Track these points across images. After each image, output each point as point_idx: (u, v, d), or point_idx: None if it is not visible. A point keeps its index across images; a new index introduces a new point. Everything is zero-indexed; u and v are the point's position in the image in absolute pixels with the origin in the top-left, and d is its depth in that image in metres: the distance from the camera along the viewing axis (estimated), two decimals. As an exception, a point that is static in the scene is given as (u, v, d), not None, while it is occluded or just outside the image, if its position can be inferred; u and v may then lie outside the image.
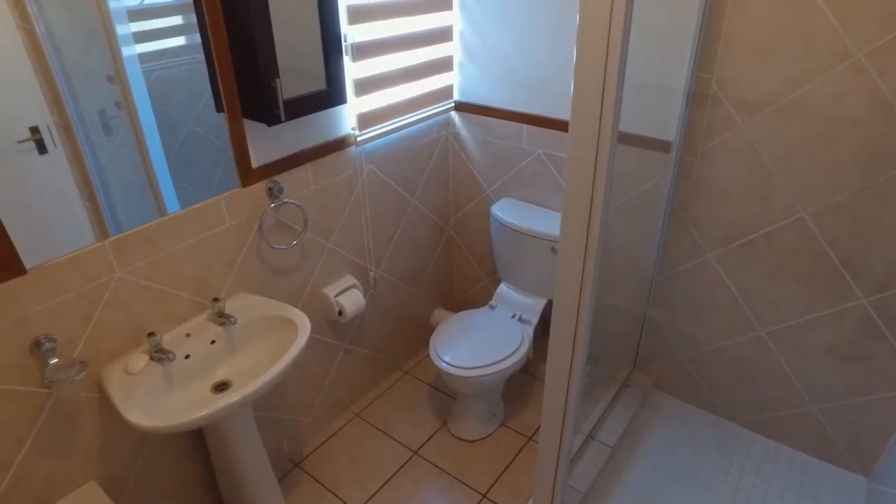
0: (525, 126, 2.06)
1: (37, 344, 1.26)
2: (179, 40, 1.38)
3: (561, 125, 1.96)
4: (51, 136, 1.20)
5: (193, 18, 1.36)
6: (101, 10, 1.24)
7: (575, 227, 1.21)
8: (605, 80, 1.04)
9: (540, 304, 2.22)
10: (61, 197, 1.25)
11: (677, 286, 2.06)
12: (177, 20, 1.37)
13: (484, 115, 2.14)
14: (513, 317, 2.21)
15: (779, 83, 1.59)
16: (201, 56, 1.39)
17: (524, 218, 2.10)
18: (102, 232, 1.32)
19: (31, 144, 1.17)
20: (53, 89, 1.18)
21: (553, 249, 2.03)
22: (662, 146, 1.84)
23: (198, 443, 1.70)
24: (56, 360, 1.28)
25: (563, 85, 1.89)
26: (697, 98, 1.74)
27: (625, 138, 1.17)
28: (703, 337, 2.10)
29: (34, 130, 1.17)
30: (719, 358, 2.09)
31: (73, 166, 1.25)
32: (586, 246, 1.21)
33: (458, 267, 2.61)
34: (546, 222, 2.06)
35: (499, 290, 2.32)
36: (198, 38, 1.37)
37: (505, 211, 2.16)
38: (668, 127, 1.80)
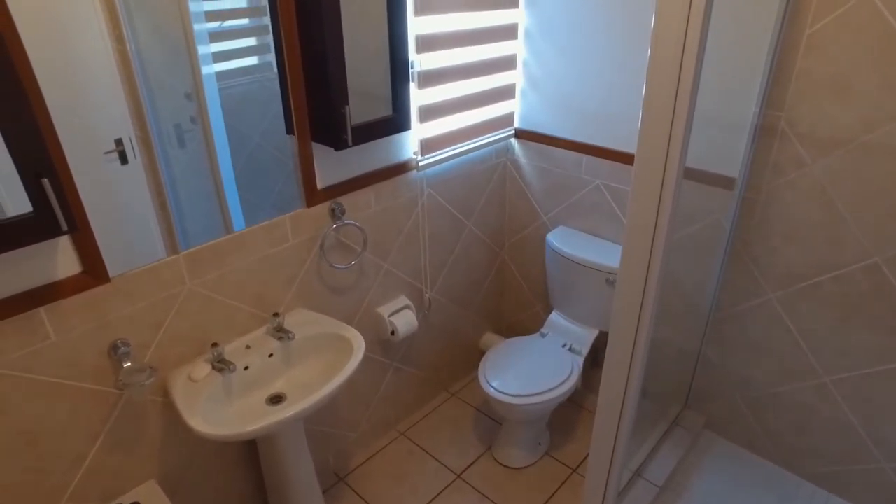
0: (585, 156, 2.06)
1: (114, 347, 1.35)
2: (252, 60, 1.47)
3: (621, 157, 1.95)
4: (132, 147, 1.29)
5: (266, 39, 1.44)
6: (186, 32, 1.32)
7: (635, 262, 1.21)
8: (674, 115, 1.04)
9: (591, 334, 2.20)
10: (137, 205, 1.34)
11: (735, 325, 2.00)
12: (251, 41, 1.45)
13: (544, 143, 2.15)
14: (563, 346, 2.19)
15: (855, 123, 1.54)
16: (270, 74, 1.47)
17: (580, 248, 2.09)
18: (171, 240, 1.39)
19: (115, 155, 1.26)
20: (137, 105, 1.27)
21: (608, 281, 2.02)
22: (725, 182, 1.80)
23: (249, 450, 1.76)
24: (129, 363, 1.36)
25: (625, 117, 1.89)
26: (764, 135, 1.71)
27: (687, 173, 1.16)
28: (761, 379, 2.02)
29: (118, 142, 1.26)
30: (778, 402, 2.01)
31: (148, 176, 1.33)
32: (646, 281, 1.20)
33: (510, 292, 2.61)
34: (602, 253, 2.05)
35: (550, 318, 2.31)
36: (268, 56, 1.45)
37: (561, 240, 2.15)
38: (731, 163, 1.77)
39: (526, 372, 2.05)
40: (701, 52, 0.98)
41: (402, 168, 1.85)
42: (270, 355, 1.57)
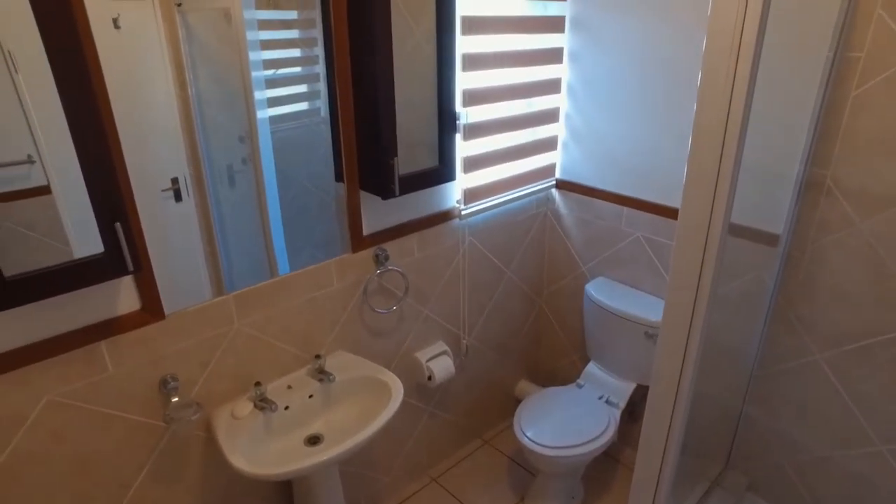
0: (625, 208, 2.07)
1: (163, 382, 1.41)
2: (302, 105, 1.55)
3: (662, 210, 1.96)
4: (186, 186, 1.37)
5: (316, 87, 1.52)
6: (244, 79, 1.42)
7: (678, 317, 1.21)
8: (719, 171, 1.05)
9: (629, 387, 2.17)
10: (188, 241, 1.41)
11: (779, 384, 1.94)
12: (302, 88, 1.54)
13: (584, 194, 2.18)
14: (600, 398, 2.16)
15: (903, 184, 1.52)
16: (317, 119, 1.55)
17: (619, 299, 2.09)
18: (217, 277, 1.46)
19: (171, 193, 1.35)
20: (194, 146, 1.36)
21: (647, 334, 2.00)
22: (768, 239, 1.78)
23: (284, 488, 1.78)
24: (177, 398, 1.41)
25: (666, 171, 1.91)
26: (809, 192, 1.70)
27: (731, 228, 1.17)
28: (808, 443, 1.95)
29: (174, 181, 1.34)
30: (828, 468, 1.93)
31: (199, 213, 1.41)
32: (688, 337, 1.20)
33: (547, 340, 2.60)
34: (641, 306, 2.03)
35: (587, 368, 2.29)
36: (317, 102, 1.54)
37: (600, 290, 2.15)
38: (775, 220, 1.76)
39: (562, 423, 2.02)
40: (747, 110, 1.00)
41: (445, 216, 1.90)
42: (311, 396, 1.61)
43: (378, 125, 1.48)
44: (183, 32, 1.27)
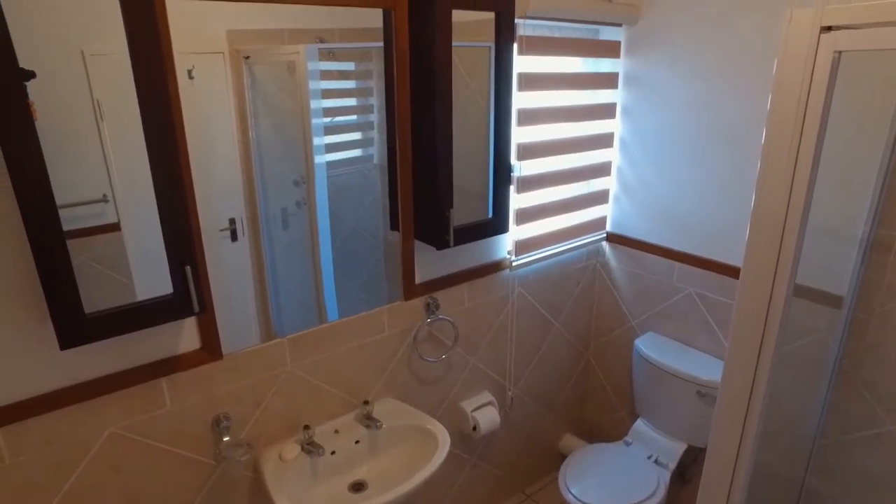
0: (677, 263, 2.04)
1: (216, 421, 1.43)
2: (356, 152, 1.61)
3: (716, 267, 1.92)
4: (242, 226, 1.42)
5: (370, 134, 1.59)
6: (304, 126, 1.49)
7: (738, 382, 1.17)
8: (784, 229, 1.03)
9: (679, 448, 2.08)
10: (241, 280, 1.46)
11: (847, 455, 1.83)
12: (356, 136, 1.60)
13: (635, 248, 2.17)
14: (649, 458, 2.08)
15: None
16: (370, 166, 1.61)
17: (669, 356, 2.03)
18: (266, 317, 1.49)
19: (228, 233, 1.40)
20: (251, 188, 1.42)
21: (700, 393, 1.93)
22: (832, 300, 1.72)
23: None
24: (228, 438, 1.44)
25: (721, 227, 1.88)
26: (876, 254, 1.64)
27: (794, 289, 1.13)
28: (878, 520, 1.82)
29: (231, 221, 1.40)
30: (899, 550, 1.79)
31: (252, 253, 1.46)
32: (749, 404, 1.16)
33: (594, 395, 2.54)
34: (694, 363, 1.98)
35: (635, 426, 2.22)
36: (370, 150, 1.60)
37: (649, 346, 2.10)
38: (839, 281, 1.70)
39: (608, 481, 1.95)
40: (814, 172, 0.99)
41: (495, 267, 1.91)
42: (357, 442, 1.61)
43: (436, 177, 1.52)
44: (248, 82, 1.35)
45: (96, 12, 1.01)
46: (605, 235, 2.25)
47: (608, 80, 2.05)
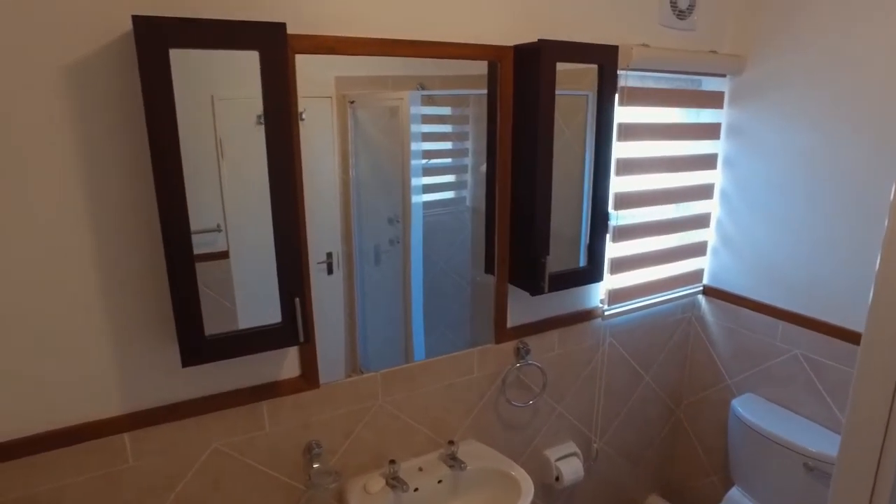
0: (781, 322, 1.93)
1: (308, 448, 1.49)
2: (449, 194, 1.67)
3: (828, 329, 1.80)
4: (338, 261, 1.49)
5: (464, 177, 1.65)
6: (403, 167, 1.56)
7: (861, 458, 1.07)
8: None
9: (781, 524, 1.92)
10: (335, 313, 1.52)
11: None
12: (450, 178, 1.66)
13: (734, 303, 2.07)
14: (745, 531, 1.94)
15: None
16: (462, 208, 1.67)
17: (772, 421, 1.90)
18: (353, 349, 1.55)
19: (324, 266, 1.47)
20: (348, 225, 1.50)
21: (807, 466, 1.79)
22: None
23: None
24: (318, 465, 1.49)
25: (835, 287, 1.77)
26: None
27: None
28: None
29: (329, 255, 1.47)
30: None
31: (346, 287, 1.53)
32: (875, 484, 1.06)
33: (683, 455, 2.41)
34: (799, 432, 1.84)
35: (730, 494, 2.07)
36: (462, 192, 1.66)
37: (748, 409, 1.98)
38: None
39: (700, 554, 1.83)
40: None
41: (587, 315, 1.89)
42: (440, 481, 1.61)
43: (533, 223, 1.54)
44: (351, 124, 1.44)
45: (231, 63, 1.14)
46: (701, 289, 2.17)
47: (710, 131, 2.01)
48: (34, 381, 1.16)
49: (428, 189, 1.61)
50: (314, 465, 1.49)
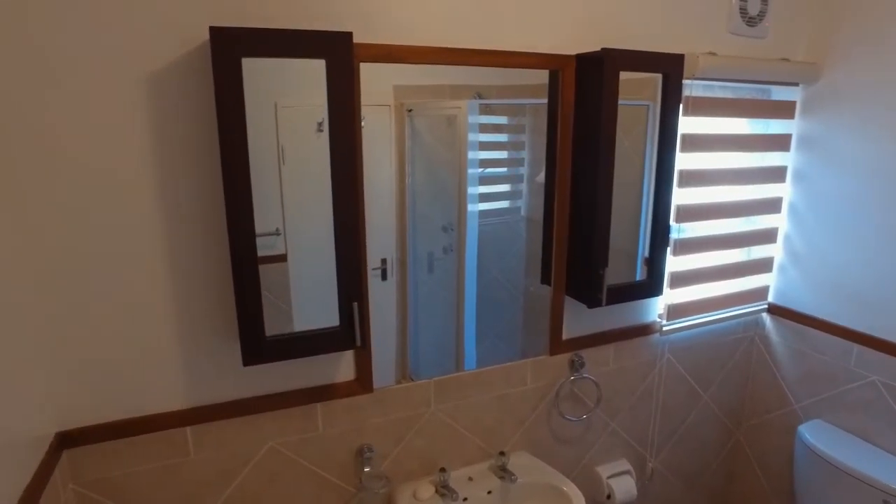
0: (856, 346, 1.82)
1: (360, 451, 1.51)
2: (504, 204, 1.65)
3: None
4: (392, 267, 1.50)
5: (519, 187, 1.64)
6: (461, 175, 1.56)
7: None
8: None
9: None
10: (388, 319, 1.53)
11: None
12: (505, 187, 1.65)
13: (802, 323, 1.97)
14: (811, 566, 1.83)
15: None
16: (517, 218, 1.66)
17: (846, 452, 1.79)
18: (404, 356, 1.55)
19: (379, 272, 1.48)
20: (403, 232, 1.50)
21: (886, 503, 1.67)
22: None
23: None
24: (369, 469, 1.50)
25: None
26: None
27: None
28: None
29: (383, 261, 1.49)
30: None
31: (398, 294, 1.53)
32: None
33: (743, 480, 2.30)
34: (878, 466, 1.72)
35: (795, 525, 1.97)
36: (518, 202, 1.65)
37: (818, 436, 1.87)
38: None
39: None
40: None
41: (644, 330, 1.84)
42: (489, 492, 1.60)
43: (592, 234, 1.51)
44: (408, 132, 1.45)
45: (294, 72, 1.17)
46: (766, 307, 2.07)
47: (779, 142, 1.93)
48: (114, 372, 1.22)
49: (484, 198, 1.61)
50: (365, 469, 1.50)
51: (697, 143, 1.73)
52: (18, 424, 1.05)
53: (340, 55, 1.14)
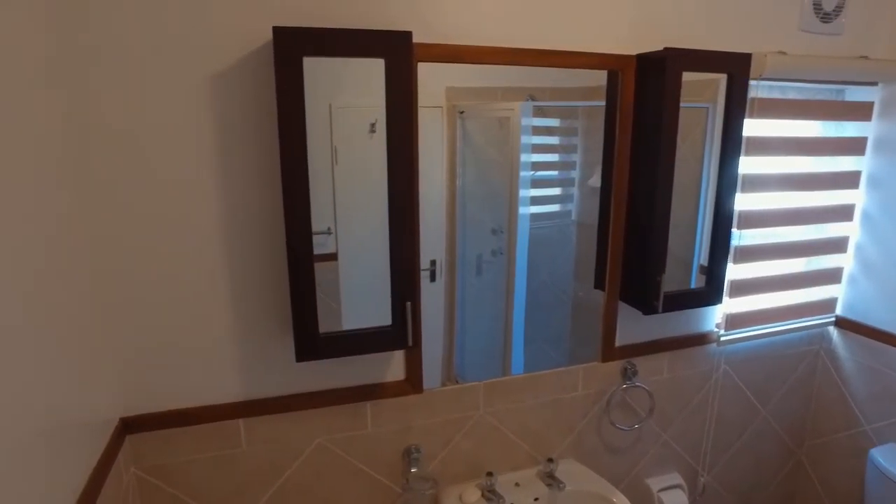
0: (936, 365, 1.71)
1: (407, 451, 1.51)
2: (555, 207, 1.63)
3: None
4: (441, 269, 1.50)
5: (570, 191, 1.61)
6: (512, 178, 1.54)
7: None
8: None
9: None
10: (436, 320, 1.53)
11: None
12: (556, 191, 1.62)
13: (875, 338, 1.86)
14: None
15: None
16: (568, 222, 1.63)
17: (925, 480, 1.68)
18: (450, 357, 1.54)
19: (428, 274, 1.49)
20: (452, 233, 1.50)
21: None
22: None
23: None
24: (416, 469, 1.50)
25: None
26: None
27: None
28: None
29: (433, 263, 1.49)
30: None
31: (446, 294, 1.53)
32: None
33: (804, 502, 2.19)
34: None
35: (862, 552, 1.86)
36: (568, 206, 1.62)
37: (893, 462, 1.76)
38: None
39: None
40: None
41: (701, 339, 1.78)
42: (536, 499, 1.57)
43: (650, 240, 1.47)
44: (460, 134, 1.45)
45: (349, 73, 1.18)
46: (833, 319, 1.97)
47: (853, 146, 1.82)
48: (173, 363, 1.27)
49: (535, 201, 1.60)
50: (412, 470, 1.50)
51: (761, 146, 1.66)
52: (90, 407, 1.10)
53: (400, 55, 1.15)
